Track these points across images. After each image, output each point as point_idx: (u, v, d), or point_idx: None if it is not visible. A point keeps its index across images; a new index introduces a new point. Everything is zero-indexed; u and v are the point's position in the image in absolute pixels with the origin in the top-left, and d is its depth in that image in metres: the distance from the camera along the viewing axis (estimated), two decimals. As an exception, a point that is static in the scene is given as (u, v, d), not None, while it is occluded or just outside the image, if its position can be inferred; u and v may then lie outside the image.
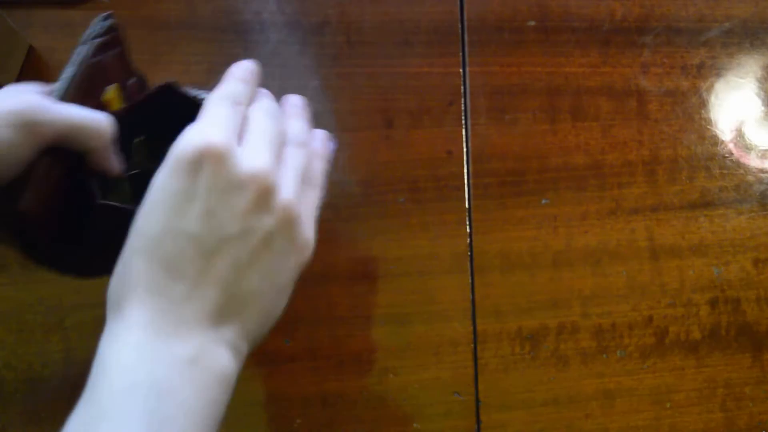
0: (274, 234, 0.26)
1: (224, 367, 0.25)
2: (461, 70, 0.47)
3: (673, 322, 0.45)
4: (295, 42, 0.47)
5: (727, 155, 0.48)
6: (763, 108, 0.49)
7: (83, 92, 0.30)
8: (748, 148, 0.48)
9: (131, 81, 0.34)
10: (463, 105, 0.47)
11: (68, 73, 0.30)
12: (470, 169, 0.46)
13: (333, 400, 0.43)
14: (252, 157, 0.26)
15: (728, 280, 0.46)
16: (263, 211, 0.26)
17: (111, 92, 0.32)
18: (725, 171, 0.48)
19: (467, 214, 0.46)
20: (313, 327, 0.43)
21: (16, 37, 0.44)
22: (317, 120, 0.46)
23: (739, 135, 0.48)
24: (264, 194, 0.26)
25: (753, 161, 0.48)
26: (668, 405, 0.44)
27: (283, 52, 0.47)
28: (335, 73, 0.47)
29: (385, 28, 0.47)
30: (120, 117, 0.31)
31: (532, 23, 0.48)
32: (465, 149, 0.46)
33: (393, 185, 0.45)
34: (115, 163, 0.30)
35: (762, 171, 0.48)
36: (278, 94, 0.46)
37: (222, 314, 0.25)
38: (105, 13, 0.33)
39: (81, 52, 0.31)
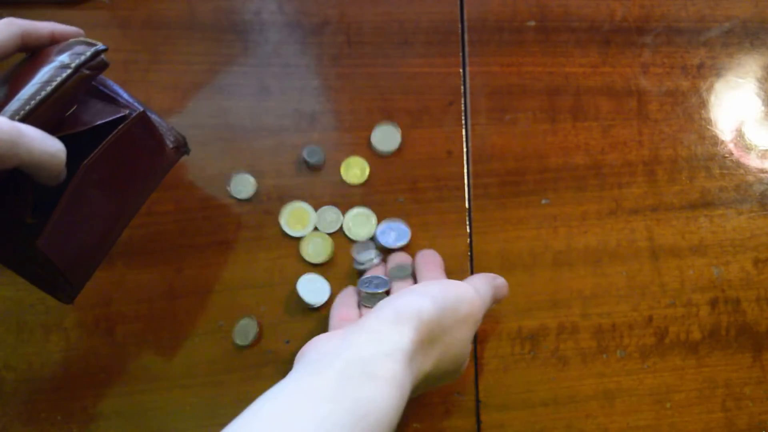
0: None
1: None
2: (461, 70, 0.47)
3: (673, 322, 0.45)
4: (295, 42, 0.47)
5: (727, 155, 0.48)
6: (763, 108, 0.49)
7: (49, 113, 0.30)
8: (748, 148, 0.48)
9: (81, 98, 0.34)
10: (463, 105, 0.47)
11: (39, 90, 0.30)
12: (470, 169, 0.46)
13: (333, 400, 0.43)
14: None
15: (728, 280, 0.46)
16: None
17: (70, 113, 0.33)
18: (725, 171, 0.48)
19: (467, 214, 0.46)
20: (313, 327, 0.43)
21: (16, 37, 0.44)
22: (317, 120, 0.46)
23: (739, 135, 0.48)
24: None
25: (753, 161, 0.48)
26: (668, 405, 0.44)
27: (283, 52, 0.47)
28: (335, 73, 0.47)
29: (385, 28, 0.47)
30: (76, 136, 0.31)
31: (532, 23, 0.48)
32: (465, 149, 0.46)
33: (393, 185, 0.45)
34: (56, 182, 0.31)
35: (762, 171, 0.48)
36: (279, 94, 0.46)
37: None
38: (101, 47, 0.32)
39: (64, 74, 0.30)
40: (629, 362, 0.45)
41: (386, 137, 0.44)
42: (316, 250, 0.44)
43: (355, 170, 0.45)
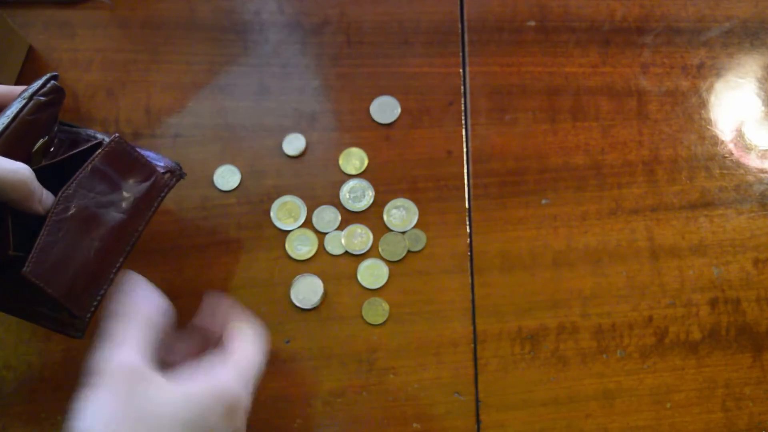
0: None
1: None
2: (461, 70, 0.47)
3: (673, 322, 0.45)
4: (295, 42, 0.47)
5: (727, 155, 0.48)
6: (763, 108, 0.49)
7: (13, 144, 0.31)
8: (748, 148, 0.48)
9: (55, 129, 0.35)
10: (463, 105, 0.47)
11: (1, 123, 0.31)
12: (470, 169, 0.46)
13: (333, 400, 0.43)
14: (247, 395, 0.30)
15: (728, 280, 0.46)
16: None
17: (41, 145, 0.33)
18: (725, 171, 0.48)
19: (467, 214, 0.46)
20: (313, 327, 0.43)
21: (16, 37, 0.44)
22: (317, 120, 0.46)
23: (739, 135, 0.48)
24: None
25: (753, 161, 0.48)
26: (668, 405, 0.44)
27: (283, 52, 0.47)
28: (335, 73, 0.47)
29: (385, 28, 0.47)
30: (49, 169, 0.32)
31: (532, 23, 0.48)
32: (465, 149, 0.46)
33: (393, 185, 0.45)
34: (39, 208, 0.31)
35: (762, 171, 0.48)
36: (279, 94, 0.46)
37: None
38: (52, 73, 0.34)
39: (19, 105, 0.32)
40: (629, 362, 0.45)
41: (384, 109, 0.44)
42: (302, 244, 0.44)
43: (354, 161, 0.45)
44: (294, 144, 0.45)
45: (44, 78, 0.33)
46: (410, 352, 0.43)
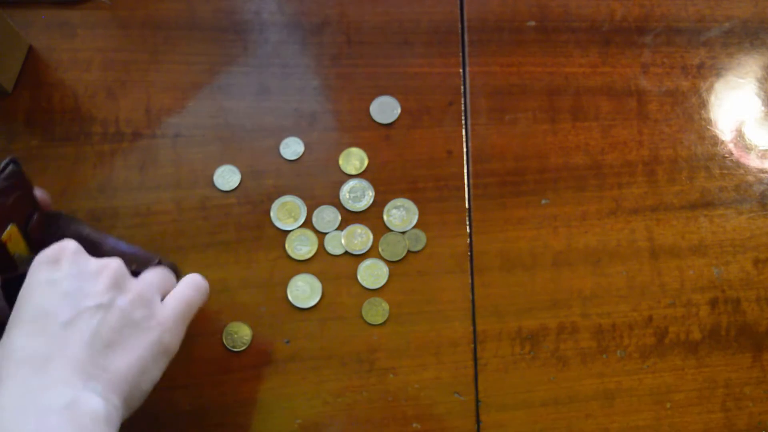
0: (130, 310, 0.32)
1: (97, 410, 0.28)
2: (461, 70, 0.47)
3: (673, 322, 0.45)
4: (295, 42, 0.47)
5: (727, 155, 0.48)
6: (763, 108, 0.49)
7: None
8: (748, 148, 0.48)
9: (34, 217, 0.34)
10: (463, 105, 0.47)
11: None
12: (470, 169, 0.46)
13: (333, 400, 0.43)
14: (104, 260, 0.33)
15: (728, 280, 0.46)
16: (118, 291, 0.32)
17: (8, 233, 0.32)
18: (725, 171, 0.48)
19: (467, 214, 0.46)
20: (313, 327, 0.43)
21: (16, 37, 0.44)
22: (317, 120, 0.46)
23: (739, 135, 0.48)
24: (118, 278, 0.32)
25: (753, 161, 0.48)
26: (668, 405, 0.44)
27: (283, 52, 0.47)
28: (335, 73, 0.47)
29: (385, 28, 0.47)
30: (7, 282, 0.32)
31: (532, 23, 0.48)
32: (465, 149, 0.46)
33: (393, 185, 0.45)
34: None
35: (762, 171, 0.48)
36: (279, 95, 0.46)
37: (87, 370, 0.29)
38: (9, 158, 0.32)
39: None
40: (629, 362, 0.45)
41: (384, 109, 0.44)
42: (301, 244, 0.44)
43: (354, 161, 0.45)
44: (292, 147, 0.45)
45: (4, 162, 0.31)
46: (410, 352, 0.43)
